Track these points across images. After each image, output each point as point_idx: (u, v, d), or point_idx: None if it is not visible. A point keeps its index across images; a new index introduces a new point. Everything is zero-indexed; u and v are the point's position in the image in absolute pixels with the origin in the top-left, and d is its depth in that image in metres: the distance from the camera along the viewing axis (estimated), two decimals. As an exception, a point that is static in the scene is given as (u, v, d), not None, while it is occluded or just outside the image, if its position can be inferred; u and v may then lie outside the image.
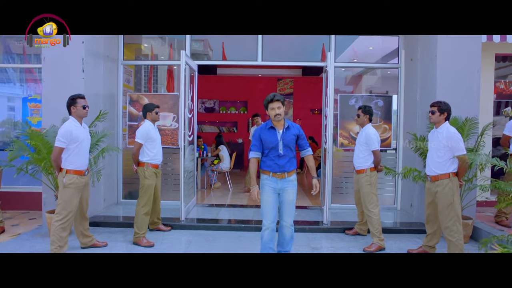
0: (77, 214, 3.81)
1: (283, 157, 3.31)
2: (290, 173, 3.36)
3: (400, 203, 5.89)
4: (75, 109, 3.60)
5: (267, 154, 3.35)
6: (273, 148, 3.31)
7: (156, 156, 4.38)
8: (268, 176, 3.35)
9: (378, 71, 8.60)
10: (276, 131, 3.33)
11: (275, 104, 3.26)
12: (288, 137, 3.32)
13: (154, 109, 4.40)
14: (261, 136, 3.37)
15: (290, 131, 3.36)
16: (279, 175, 3.32)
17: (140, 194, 4.31)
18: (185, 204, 5.25)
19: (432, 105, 3.64)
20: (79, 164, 3.61)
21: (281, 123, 3.34)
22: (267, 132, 3.36)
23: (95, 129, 4.75)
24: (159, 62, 6.87)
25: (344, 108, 5.89)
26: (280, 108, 3.26)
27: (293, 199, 3.38)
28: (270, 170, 3.33)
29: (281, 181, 3.33)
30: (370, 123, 4.37)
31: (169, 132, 5.92)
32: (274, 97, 3.27)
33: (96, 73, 5.25)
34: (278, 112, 3.25)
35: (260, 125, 3.46)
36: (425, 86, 5.12)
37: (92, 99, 5.11)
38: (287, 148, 3.32)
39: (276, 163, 3.31)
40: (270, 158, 3.33)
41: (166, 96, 6.04)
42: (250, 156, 3.43)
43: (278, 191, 3.35)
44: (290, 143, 3.33)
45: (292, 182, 3.36)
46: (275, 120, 3.29)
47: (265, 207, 3.35)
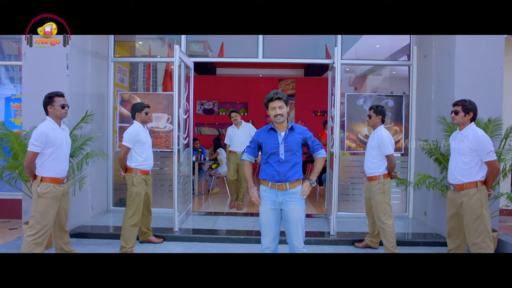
0: (55, 227, 3.38)
1: (285, 163, 2.83)
2: (293, 184, 2.85)
3: (412, 211, 5.46)
4: (52, 108, 3.18)
5: (267, 160, 2.89)
6: (273, 153, 2.85)
7: (146, 161, 3.96)
8: (267, 188, 2.89)
9: (382, 71, 8.24)
10: (277, 134, 2.89)
11: (276, 103, 2.81)
12: (291, 140, 2.86)
13: (143, 109, 3.99)
14: (259, 139, 2.95)
15: (294, 133, 2.90)
16: (279, 186, 2.84)
17: (127, 203, 3.89)
18: (179, 213, 4.82)
19: (456, 104, 3.21)
20: (56, 171, 3.19)
21: (284, 125, 2.89)
22: (267, 134, 2.92)
23: (80, 131, 4.34)
24: (151, 59, 6.46)
25: (352, 108, 5.47)
26: (282, 107, 2.82)
27: (299, 217, 2.86)
28: (269, 179, 2.87)
29: (282, 193, 2.84)
30: (383, 124, 3.95)
31: (163, 135, 5.51)
32: (275, 95, 2.82)
33: (82, 71, 4.84)
34: (279, 113, 2.80)
35: (260, 129, 3.03)
36: (441, 84, 4.69)
37: (78, 98, 4.71)
38: (290, 152, 2.84)
39: (276, 171, 2.83)
40: (269, 165, 2.87)
41: (160, 95, 5.63)
42: (243, 157, 3.08)
43: (280, 205, 2.88)
44: (294, 146, 2.85)
45: (295, 196, 2.86)
46: (276, 121, 2.84)
47: (264, 225, 2.91)
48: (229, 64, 10.13)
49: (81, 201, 4.81)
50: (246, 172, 3.03)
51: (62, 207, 3.34)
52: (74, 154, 4.08)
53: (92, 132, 4.45)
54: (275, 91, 2.86)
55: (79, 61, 4.71)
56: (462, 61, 4.33)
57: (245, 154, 3.07)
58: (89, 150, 4.20)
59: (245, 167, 3.04)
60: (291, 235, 2.87)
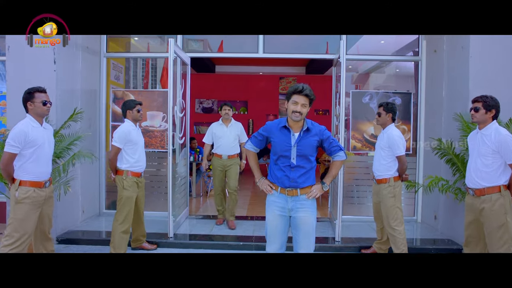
0: (37, 235, 3.10)
1: (296, 169, 2.51)
2: (305, 190, 2.55)
3: (421, 214, 5.17)
4: (32, 105, 2.89)
5: (276, 161, 2.57)
6: (283, 156, 2.52)
7: (138, 162, 3.68)
8: (275, 192, 2.59)
9: (385, 69, 7.95)
10: (290, 133, 2.53)
11: (302, 98, 2.44)
12: (306, 144, 2.51)
13: (135, 106, 3.71)
14: (270, 134, 2.59)
15: (310, 134, 2.53)
16: (289, 192, 2.54)
17: (117, 208, 3.61)
18: (175, 217, 4.54)
19: (476, 100, 2.92)
20: (37, 174, 2.90)
21: (299, 124, 2.53)
22: (279, 132, 2.55)
23: (69, 130, 4.06)
24: (145, 54, 6.13)
25: (357, 106, 5.18)
26: (304, 106, 2.45)
27: (310, 225, 2.57)
28: (279, 183, 2.56)
29: (292, 199, 2.55)
30: (393, 123, 3.66)
31: (158, 134, 5.22)
32: (304, 90, 2.43)
33: (72, 66, 4.55)
34: (299, 110, 2.43)
35: (273, 121, 2.66)
36: (454, 80, 4.40)
37: (67, 95, 4.43)
38: (302, 158, 2.50)
39: (286, 175, 2.52)
40: (279, 168, 2.55)
41: (155, 92, 5.35)
42: (246, 146, 2.75)
43: (289, 212, 2.58)
44: (308, 151, 2.51)
45: (307, 202, 2.57)
46: (292, 118, 2.47)
47: (270, 232, 2.61)
48: (228, 61, 9.86)
49: (70, 204, 4.53)
50: (252, 163, 2.74)
51: (45, 213, 3.06)
52: (61, 155, 3.80)
53: (81, 132, 4.17)
54: (305, 85, 2.47)
55: (68, 56, 4.43)
56: (477, 55, 4.04)
57: (249, 144, 2.74)
58: (79, 150, 3.90)
59: (251, 157, 2.75)
60: (300, 244, 2.58)
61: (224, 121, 4.92)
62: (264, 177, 2.68)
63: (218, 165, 4.86)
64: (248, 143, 2.75)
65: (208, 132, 4.98)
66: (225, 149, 4.84)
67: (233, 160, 4.85)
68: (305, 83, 2.55)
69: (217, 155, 4.90)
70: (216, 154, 4.92)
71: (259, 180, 2.67)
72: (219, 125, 4.93)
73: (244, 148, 2.95)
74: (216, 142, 4.91)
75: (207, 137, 4.99)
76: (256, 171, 2.72)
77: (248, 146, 2.75)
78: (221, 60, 9.77)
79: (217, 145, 4.91)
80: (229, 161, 4.83)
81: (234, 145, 4.86)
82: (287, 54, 5.33)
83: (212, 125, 4.98)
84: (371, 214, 5.16)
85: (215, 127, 4.93)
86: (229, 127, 4.89)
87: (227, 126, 4.89)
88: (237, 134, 4.88)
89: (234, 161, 4.85)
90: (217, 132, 4.89)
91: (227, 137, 4.84)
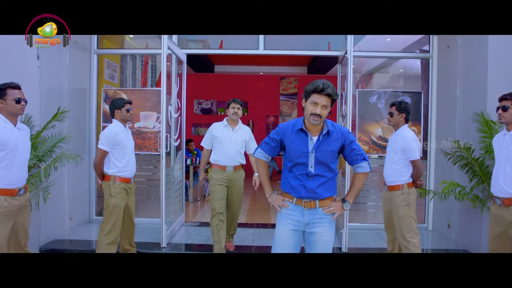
0: (12, 248, 2.76)
1: (315, 178, 2.17)
2: (325, 202, 2.21)
3: (432, 221, 4.84)
4: (4, 103, 2.57)
5: (290, 169, 2.23)
6: (300, 163, 2.18)
7: (127, 167, 3.36)
8: (290, 203, 2.25)
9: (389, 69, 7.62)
10: (307, 138, 2.18)
11: (322, 98, 2.07)
12: (326, 149, 2.17)
13: (124, 105, 3.39)
14: (284, 138, 2.23)
15: (331, 138, 2.18)
16: (306, 203, 2.20)
17: (104, 217, 3.29)
18: (169, 225, 4.22)
19: (504, 98, 2.60)
20: (9, 180, 2.58)
21: (318, 127, 2.17)
22: (295, 136, 2.20)
23: (53, 131, 3.74)
24: (137, 51, 5.79)
25: (363, 106, 4.86)
26: (326, 108, 2.09)
27: (328, 243, 2.23)
28: (294, 193, 2.22)
29: (309, 212, 2.20)
30: (407, 124, 3.34)
31: (152, 136, 4.90)
32: (326, 88, 2.06)
33: (58, 62, 4.24)
34: (319, 113, 2.08)
35: (287, 123, 2.28)
36: (470, 78, 4.08)
37: (53, 94, 4.12)
38: (322, 166, 2.17)
39: (303, 185, 2.18)
40: (294, 176, 2.21)
41: (149, 92, 5.03)
42: (255, 154, 2.39)
43: (304, 227, 2.23)
44: (329, 158, 2.18)
45: (326, 217, 2.22)
46: (311, 122, 2.12)
47: (280, 248, 2.26)
48: (228, 60, 9.57)
49: (56, 210, 4.21)
50: (262, 174, 2.36)
51: (19, 224, 2.72)
52: (43, 158, 3.48)
53: (63, 133, 3.85)
54: (326, 82, 2.09)
55: (54, 51, 4.09)
56: (496, 50, 3.73)
57: (259, 152, 2.36)
58: (62, 152, 3.57)
59: (261, 168, 2.37)
60: None
61: (231, 122, 3.81)
62: (275, 191, 2.33)
63: (220, 178, 3.72)
64: (258, 150, 2.38)
65: (208, 134, 3.88)
66: (229, 158, 3.72)
67: (239, 173, 3.83)
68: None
69: (218, 167, 3.74)
70: (216, 165, 3.76)
71: (270, 195, 2.32)
72: (223, 127, 3.80)
73: (253, 157, 2.57)
74: (217, 148, 3.78)
75: (207, 141, 3.89)
76: (266, 185, 2.35)
77: (259, 154, 2.37)
78: (220, 59, 9.48)
79: (219, 153, 3.75)
80: (235, 175, 3.76)
81: (241, 154, 3.83)
82: (289, 51, 5.02)
83: (213, 126, 3.86)
84: (378, 221, 4.89)
85: (217, 129, 3.81)
86: (236, 130, 3.80)
87: (234, 129, 3.80)
88: (244, 140, 3.83)
89: (240, 175, 3.83)
90: (220, 135, 3.75)
91: (232, 143, 3.73)
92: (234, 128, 3.81)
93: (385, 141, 4.84)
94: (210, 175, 3.79)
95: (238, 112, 3.79)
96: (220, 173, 3.73)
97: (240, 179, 3.83)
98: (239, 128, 3.84)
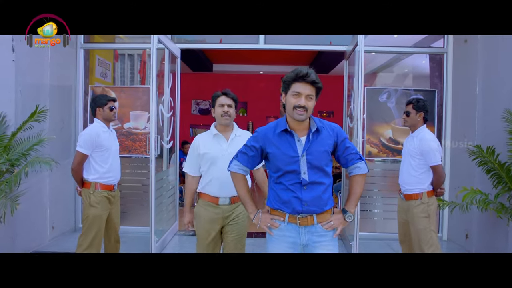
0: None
1: (310, 187, 1.80)
2: (324, 216, 1.83)
3: (447, 231, 4.45)
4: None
5: (278, 179, 1.84)
6: (290, 171, 1.80)
7: (109, 172, 2.97)
8: (282, 223, 1.85)
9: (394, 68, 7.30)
10: (294, 139, 1.83)
11: (306, 87, 1.75)
12: (318, 150, 1.81)
13: (107, 103, 3.01)
14: (265, 144, 1.85)
15: (321, 136, 1.84)
16: (301, 220, 1.81)
17: (82, 229, 2.91)
18: (159, 236, 3.84)
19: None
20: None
21: (305, 124, 1.84)
22: (278, 139, 1.83)
23: (31, 132, 3.37)
24: (125, 45, 5.39)
25: (372, 106, 4.49)
26: (310, 98, 1.76)
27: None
28: (286, 209, 1.82)
29: (307, 231, 1.83)
30: (425, 124, 2.97)
31: (143, 137, 4.53)
32: (308, 74, 1.74)
33: (38, 57, 3.86)
34: (303, 105, 1.74)
35: (266, 126, 1.90)
36: (493, 74, 3.70)
37: (31, 91, 3.75)
38: (316, 171, 1.81)
39: (296, 197, 1.80)
40: (284, 187, 1.82)
41: (139, 89, 4.66)
42: (231, 168, 1.96)
43: (301, 249, 1.85)
44: (322, 160, 1.82)
45: (327, 234, 1.84)
46: (295, 117, 1.77)
47: None
48: (227, 59, 9.23)
49: (35, 219, 3.83)
50: (241, 191, 1.94)
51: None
52: (17, 163, 3.11)
53: (47, 134, 3.48)
54: (306, 68, 1.76)
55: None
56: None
57: (234, 164, 1.94)
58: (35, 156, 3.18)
59: (238, 183, 1.94)
60: None
61: (222, 129, 2.50)
62: (260, 210, 1.92)
63: (210, 217, 2.45)
64: (234, 163, 1.95)
65: (191, 153, 2.53)
66: (224, 185, 2.39)
67: (240, 208, 2.48)
68: None
69: (208, 198, 2.46)
70: (206, 197, 2.47)
71: (254, 215, 1.90)
72: (212, 138, 2.49)
73: (229, 171, 1.98)
74: (206, 171, 2.47)
75: (191, 163, 2.55)
76: (248, 203, 1.93)
77: (234, 167, 1.94)
78: (219, 58, 9.13)
79: (208, 177, 2.45)
80: (234, 210, 2.48)
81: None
82: (291, 45, 4.63)
83: (198, 140, 2.52)
84: (388, 230, 4.51)
85: (203, 143, 2.49)
86: (232, 140, 2.49)
87: (228, 140, 2.49)
88: None
89: (240, 210, 2.49)
90: (209, 150, 2.45)
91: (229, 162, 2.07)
92: (229, 138, 2.49)
93: (396, 143, 4.47)
94: (196, 211, 2.50)
95: (230, 112, 2.45)
96: (210, 208, 2.45)
97: (241, 217, 2.49)
98: (236, 136, 2.50)
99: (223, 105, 2.45)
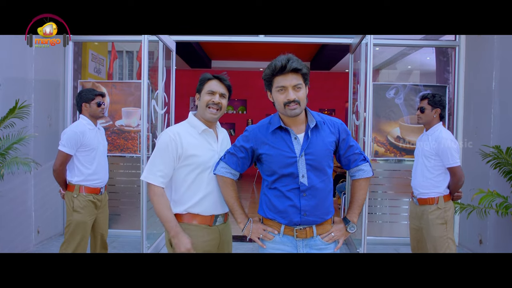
0: None
1: (310, 193, 1.56)
2: (324, 227, 1.60)
3: (459, 235, 4.20)
4: None
5: (272, 185, 1.60)
6: (286, 175, 1.56)
7: (96, 174, 2.72)
8: (277, 236, 1.61)
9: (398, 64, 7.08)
10: (291, 137, 1.59)
11: (290, 78, 1.52)
12: (319, 149, 1.58)
13: (94, 98, 2.76)
14: (257, 144, 1.61)
15: (322, 133, 1.61)
16: (299, 232, 1.58)
17: (65, 236, 2.66)
18: (152, 241, 3.58)
19: None
20: None
21: (300, 119, 1.61)
22: (272, 138, 1.60)
23: (11, 130, 3.11)
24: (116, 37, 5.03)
25: (379, 102, 4.23)
26: (299, 88, 1.54)
27: None
28: (281, 219, 1.58)
29: (305, 244, 1.59)
30: (441, 122, 2.71)
31: (135, 136, 4.27)
32: (288, 63, 1.50)
33: (20, 49, 3.59)
34: (293, 98, 1.52)
35: (258, 124, 1.68)
36: (509, 68, 3.45)
37: (15, 85, 3.50)
38: (316, 172, 1.57)
39: (293, 206, 1.56)
40: (280, 194, 1.58)
41: (132, 84, 4.39)
42: (216, 171, 1.70)
43: None
44: (324, 160, 1.58)
45: (329, 247, 1.62)
46: (290, 113, 1.55)
47: None
48: (225, 55, 9.02)
49: (19, 223, 3.58)
50: (228, 197, 1.69)
51: None
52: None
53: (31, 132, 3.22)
54: (287, 56, 1.53)
55: (15, 36, 3.46)
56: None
57: (222, 166, 1.69)
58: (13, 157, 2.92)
59: (226, 188, 1.69)
60: None
61: (210, 124, 1.86)
62: (251, 219, 1.67)
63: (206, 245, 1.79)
64: (221, 165, 1.69)
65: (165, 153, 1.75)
66: (220, 198, 1.80)
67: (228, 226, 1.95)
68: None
69: (201, 220, 1.78)
70: (196, 218, 1.78)
71: (245, 225, 1.66)
72: (198, 135, 1.82)
73: (216, 175, 1.72)
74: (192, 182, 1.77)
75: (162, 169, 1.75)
76: (237, 211, 1.68)
77: (221, 169, 1.68)
78: (217, 53, 8.90)
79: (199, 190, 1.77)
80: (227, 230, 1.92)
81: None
82: (293, 38, 4.36)
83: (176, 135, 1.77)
84: (396, 235, 4.27)
85: (187, 141, 1.77)
86: (222, 140, 1.92)
87: (218, 139, 1.89)
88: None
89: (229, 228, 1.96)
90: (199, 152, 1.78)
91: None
92: (218, 136, 1.90)
93: (404, 142, 4.22)
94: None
95: (222, 103, 1.84)
96: (204, 232, 1.79)
97: (230, 235, 1.96)
98: (221, 132, 1.94)
99: (213, 93, 1.82)
